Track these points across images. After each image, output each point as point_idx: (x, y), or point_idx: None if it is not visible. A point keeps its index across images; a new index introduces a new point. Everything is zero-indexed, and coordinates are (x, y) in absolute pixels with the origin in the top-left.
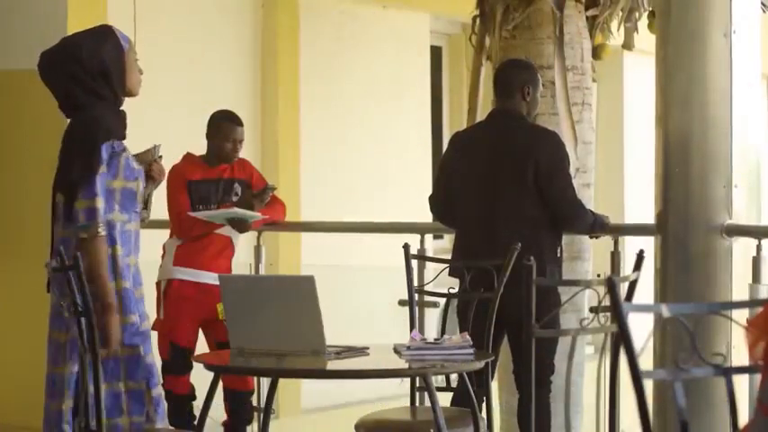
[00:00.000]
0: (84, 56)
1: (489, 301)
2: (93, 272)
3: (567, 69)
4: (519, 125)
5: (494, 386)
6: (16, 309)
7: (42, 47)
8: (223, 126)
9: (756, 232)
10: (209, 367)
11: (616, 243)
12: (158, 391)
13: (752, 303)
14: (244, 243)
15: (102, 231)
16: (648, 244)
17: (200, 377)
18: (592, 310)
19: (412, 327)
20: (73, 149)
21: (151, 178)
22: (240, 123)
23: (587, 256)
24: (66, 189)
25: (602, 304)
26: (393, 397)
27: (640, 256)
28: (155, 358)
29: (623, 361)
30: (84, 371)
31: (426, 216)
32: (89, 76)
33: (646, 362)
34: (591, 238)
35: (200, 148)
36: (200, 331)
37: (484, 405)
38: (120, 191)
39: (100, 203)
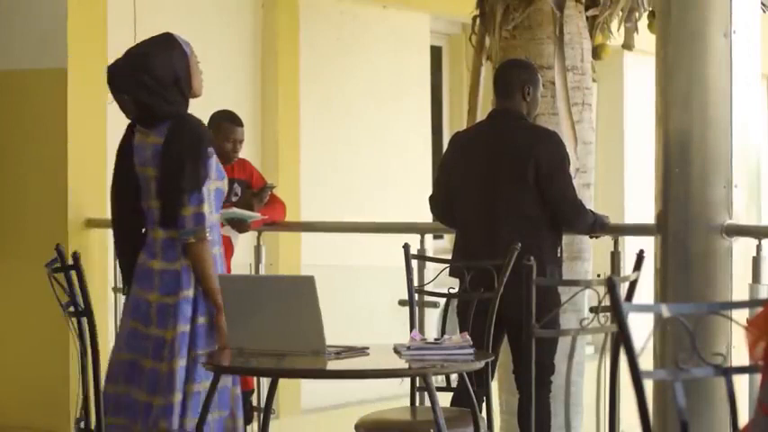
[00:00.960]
0: (156, 66)
1: (489, 302)
2: (202, 273)
3: (567, 69)
4: (519, 125)
5: (494, 386)
6: (16, 309)
7: (42, 47)
8: (223, 126)
9: (756, 232)
10: (208, 367)
11: (616, 243)
12: (238, 390)
13: (752, 303)
14: (244, 243)
15: (209, 235)
16: (648, 244)
17: None
18: (592, 310)
19: (412, 327)
20: (182, 156)
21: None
22: (240, 123)
23: (587, 256)
24: (173, 195)
25: (603, 304)
26: (393, 397)
27: (640, 256)
28: None
29: (623, 361)
30: (85, 371)
31: (426, 216)
32: (162, 85)
33: (646, 362)
34: (591, 237)
35: None
36: None
37: (484, 405)
38: (213, 191)
39: (206, 209)
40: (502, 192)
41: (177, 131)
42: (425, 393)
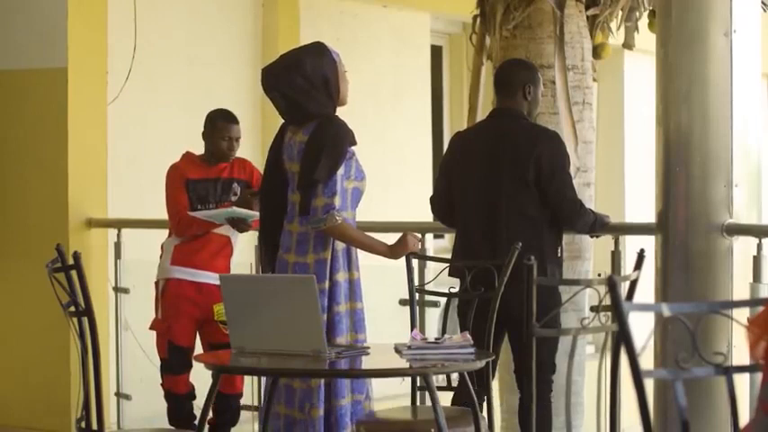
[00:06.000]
0: (307, 67)
1: (490, 301)
2: (351, 242)
3: (567, 69)
4: (520, 125)
5: (494, 385)
6: (17, 309)
7: (42, 47)
8: (218, 124)
9: (757, 231)
10: (209, 367)
11: (616, 242)
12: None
13: (752, 302)
14: (244, 243)
15: (339, 219)
16: (649, 243)
17: (199, 377)
18: (592, 309)
19: (412, 326)
20: (322, 152)
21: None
22: (236, 121)
23: (588, 256)
24: (308, 187)
25: (603, 303)
26: (393, 397)
27: (641, 256)
28: None
29: (624, 360)
30: (86, 370)
31: (427, 216)
32: (312, 85)
33: (646, 361)
34: (591, 237)
35: (200, 147)
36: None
37: (485, 404)
38: (351, 190)
39: (338, 201)
40: (502, 191)
41: (321, 130)
42: (426, 393)
